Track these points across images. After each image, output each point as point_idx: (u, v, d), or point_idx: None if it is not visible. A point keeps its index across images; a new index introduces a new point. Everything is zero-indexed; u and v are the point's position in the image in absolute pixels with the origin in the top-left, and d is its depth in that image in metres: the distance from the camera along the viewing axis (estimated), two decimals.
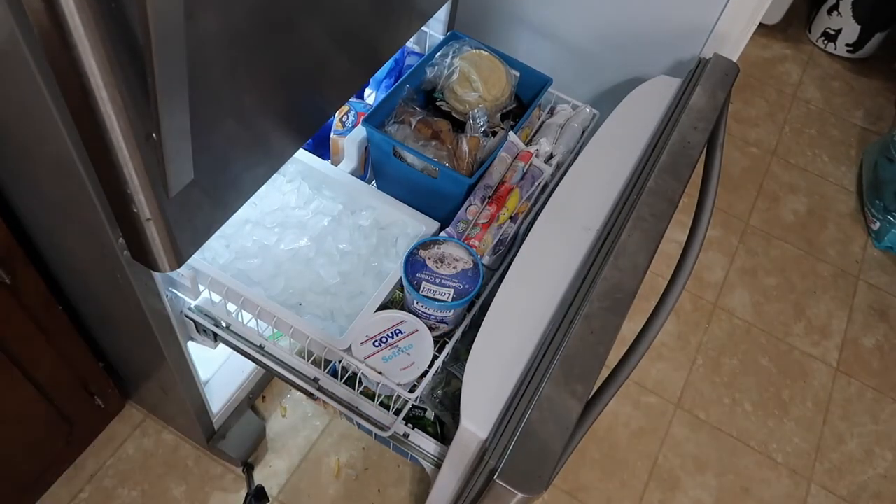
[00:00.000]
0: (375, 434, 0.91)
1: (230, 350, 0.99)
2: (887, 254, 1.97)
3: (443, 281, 0.87)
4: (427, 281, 0.87)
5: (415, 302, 0.87)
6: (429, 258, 0.89)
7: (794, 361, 1.72)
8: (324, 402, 0.94)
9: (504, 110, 1.09)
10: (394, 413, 0.91)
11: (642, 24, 1.14)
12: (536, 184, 1.02)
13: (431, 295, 0.86)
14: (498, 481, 0.65)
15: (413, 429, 0.92)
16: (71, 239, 0.84)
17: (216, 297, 0.92)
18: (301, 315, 0.89)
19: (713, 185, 0.96)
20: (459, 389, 0.76)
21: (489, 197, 0.98)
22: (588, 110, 1.13)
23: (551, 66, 1.13)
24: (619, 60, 1.21)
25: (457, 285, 0.87)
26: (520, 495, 0.65)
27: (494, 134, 1.06)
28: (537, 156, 1.04)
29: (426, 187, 1.00)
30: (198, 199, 0.65)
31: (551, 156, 1.06)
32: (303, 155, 1.03)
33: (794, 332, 1.77)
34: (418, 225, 0.99)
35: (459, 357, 0.96)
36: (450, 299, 0.86)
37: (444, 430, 0.97)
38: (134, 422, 1.39)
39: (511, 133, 1.03)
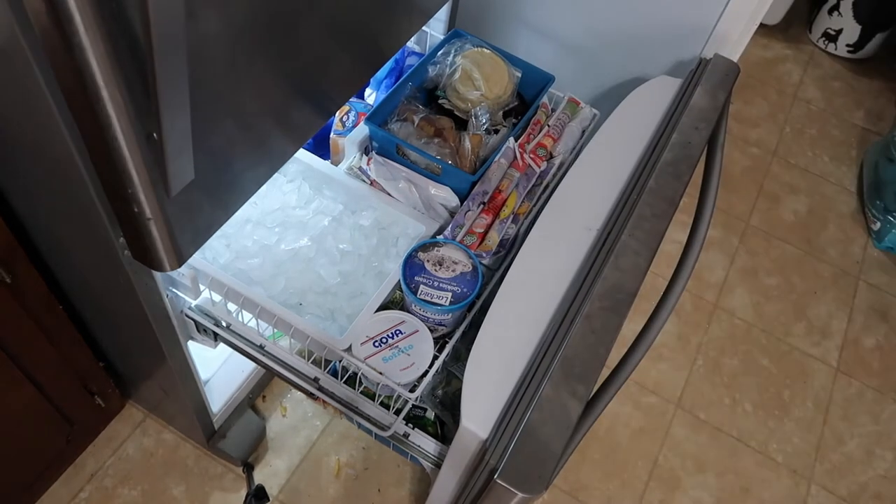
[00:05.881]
0: (375, 434, 0.91)
1: (230, 350, 0.99)
2: (888, 254, 1.97)
3: (440, 284, 0.87)
4: (425, 284, 0.86)
5: (412, 305, 0.87)
6: (427, 261, 0.88)
7: (794, 362, 1.72)
8: (324, 401, 0.94)
9: (506, 108, 1.09)
10: (394, 413, 0.91)
11: (643, 24, 1.14)
12: (533, 181, 1.03)
13: (429, 298, 0.86)
14: (498, 481, 0.65)
15: (413, 428, 0.92)
16: (71, 239, 0.84)
17: (216, 297, 0.92)
18: (301, 315, 0.90)
19: (714, 186, 0.96)
20: (460, 389, 0.76)
21: (485, 203, 0.98)
22: (588, 110, 1.13)
23: (552, 65, 1.13)
24: (620, 60, 1.21)
25: (455, 289, 0.87)
26: (520, 495, 0.65)
27: (497, 132, 1.06)
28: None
29: None
30: (198, 199, 0.65)
31: (551, 156, 1.06)
32: (303, 155, 1.03)
33: (794, 332, 1.77)
34: (419, 225, 0.99)
35: (460, 357, 0.96)
36: (447, 303, 0.86)
37: (444, 430, 0.97)
38: (134, 421, 1.39)
39: (511, 140, 1.03)
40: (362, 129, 1.03)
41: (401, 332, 0.87)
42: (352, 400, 0.92)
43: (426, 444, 0.93)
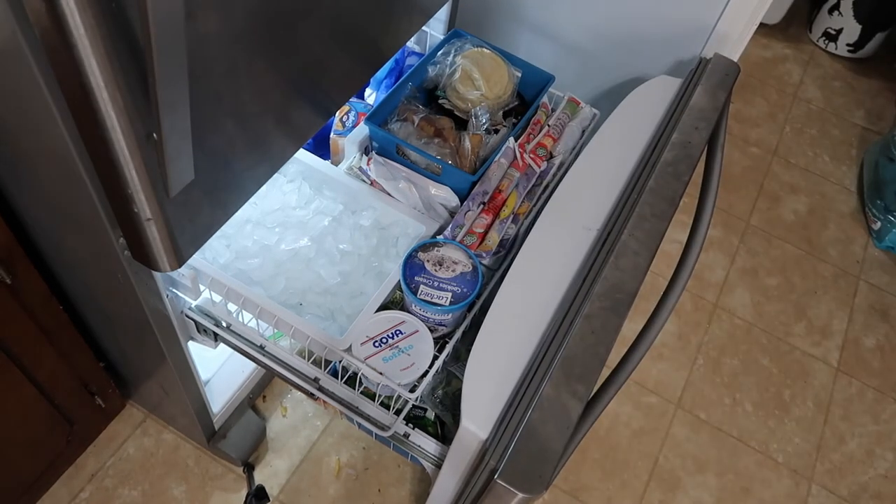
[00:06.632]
0: (376, 434, 0.91)
1: (231, 350, 0.99)
2: (888, 254, 1.97)
3: (441, 284, 0.87)
4: (425, 284, 0.86)
5: (412, 305, 0.87)
6: (427, 261, 0.88)
7: (794, 361, 1.72)
8: (324, 401, 0.94)
9: (506, 108, 1.09)
10: (394, 413, 0.91)
11: (643, 23, 1.14)
12: (533, 181, 1.02)
13: (429, 298, 0.86)
14: (498, 481, 0.65)
15: (413, 429, 0.92)
16: (71, 239, 0.84)
17: (217, 297, 0.92)
18: (301, 315, 0.90)
19: (714, 185, 0.96)
20: (460, 389, 0.76)
21: (485, 203, 0.98)
22: (588, 110, 1.13)
23: (552, 65, 1.13)
24: (620, 60, 1.21)
25: (455, 289, 0.87)
26: (520, 495, 0.65)
27: (497, 131, 1.06)
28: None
29: None
30: (198, 199, 0.65)
31: (551, 156, 1.06)
32: (303, 155, 1.03)
33: (794, 332, 1.77)
34: (419, 225, 0.99)
35: (460, 357, 0.96)
36: (447, 303, 0.86)
37: (444, 430, 0.97)
38: (134, 422, 1.39)
39: (511, 139, 1.03)
40: (362, 129, 1.03)
41: (401, 333, 0.87)
42: (352, 400, 0.92)
43: (426, 444, 0.93)
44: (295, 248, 0.97)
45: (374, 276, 0.96)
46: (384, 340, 0.86)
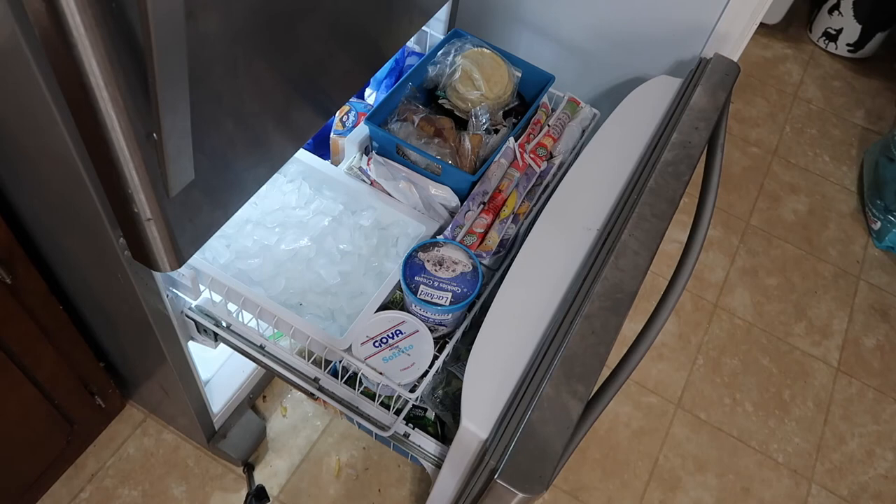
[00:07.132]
0: (376, 434, 0.91)
1: (231, 350, 0.99)
2: (888, 253, 1.97)
3: (441, 284, 0.87)
4: (425, 284, 0.86)
5: (412, 305, 0.87)
6: (427, 261, 0.88)
7: (794, 361, 1.72)
8: (324, 401, 0.94)
9: (506, 108, 1.09)
10: (394, 413, 0.91)
11: (643, 23, 1.14)
12: (533, 181, 1.02)
13: (429, 298, 0.86)
14: (498, 481, 0.65)
15: (413, 428, 0.92)
16: (71, 239, 0.84)
17: (217, 297, 0.92)
18: (301, 315, 0.90)
19: (714, 185, 0.96)
20: (460, 389, 0.76)
21: (485, 203, 0.98)
22: (588, 110, 1.13)
23: (552, 65, 1.13)
24: (620, 60, 1.21)
25: (455, 289, 0.87)
26: (520, 495, 0.65)
27: (497, 131, 1.06)
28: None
29: None
30: (198, 199, 0.65)
31: (551, 156, 1.06)
32: (303, 155, 1.03)
33: (794, 332, 1.77)
34: (419, 225, 0.99)
35: (460, 357, 0.96)
36: (447, 303, 0.86)
37: (444, 430, 0.97)
38: (134, 421, 1.39)
39: (511, 139, 1.03)
40: (362, 129, 1.03)
41: (401, 333, 0.87)
42: (352, 400, 0.92)
43: (426, 444, 0.93)
44: (295, 248, 0.97)
45: (374, 276, 0.96)
46: (384, 340, 0.86)
